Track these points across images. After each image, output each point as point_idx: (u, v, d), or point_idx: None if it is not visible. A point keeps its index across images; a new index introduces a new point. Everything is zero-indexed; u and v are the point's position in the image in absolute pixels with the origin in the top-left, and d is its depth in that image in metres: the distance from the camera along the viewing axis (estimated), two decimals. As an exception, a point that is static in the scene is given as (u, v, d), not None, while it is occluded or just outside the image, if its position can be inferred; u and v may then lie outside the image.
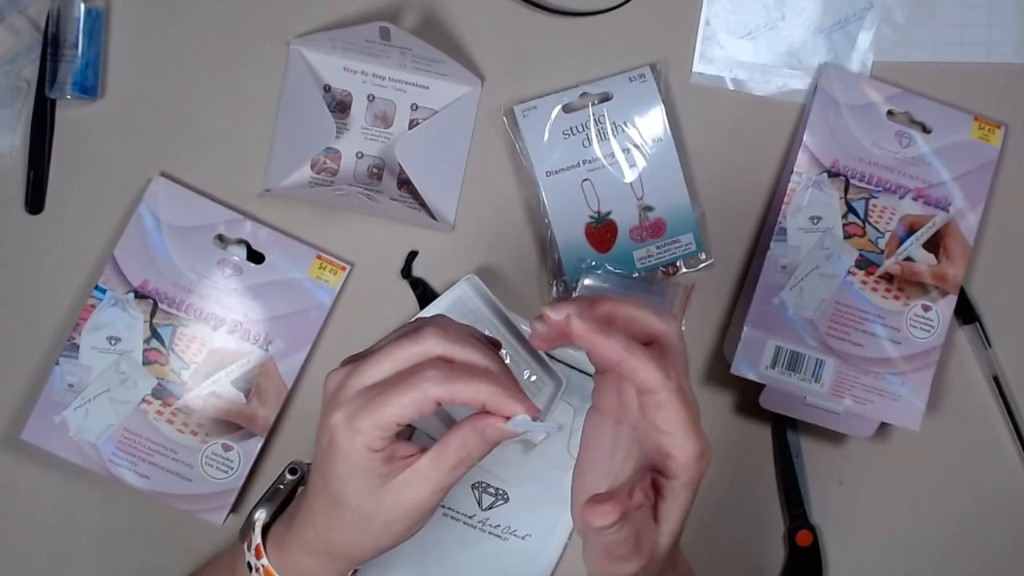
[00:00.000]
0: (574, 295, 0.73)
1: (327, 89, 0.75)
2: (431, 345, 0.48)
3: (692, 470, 0.47)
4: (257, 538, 0.55)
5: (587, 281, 0.73)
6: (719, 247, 0.75)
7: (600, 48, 0.75)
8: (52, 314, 0.73)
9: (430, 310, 0.72)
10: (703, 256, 0.75)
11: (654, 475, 0.48)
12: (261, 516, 0.57)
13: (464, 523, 0.73)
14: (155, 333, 0.72)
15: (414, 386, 0.47)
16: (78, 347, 0.71)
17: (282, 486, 0.61)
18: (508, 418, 0.48)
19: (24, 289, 0.73)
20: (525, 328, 0.72)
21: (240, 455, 0.71)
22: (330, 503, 0.51)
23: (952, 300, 0.73)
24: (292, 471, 0.62)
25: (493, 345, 0.51)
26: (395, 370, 0.49)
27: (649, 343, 0.47)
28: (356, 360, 0.50)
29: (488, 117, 0.75)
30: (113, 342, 0.71)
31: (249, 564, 0.56)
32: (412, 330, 0.50)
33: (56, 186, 0.74)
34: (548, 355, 0.72)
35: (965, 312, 0.75)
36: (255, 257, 0.73)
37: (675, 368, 0.46)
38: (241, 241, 0.73)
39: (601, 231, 0.74)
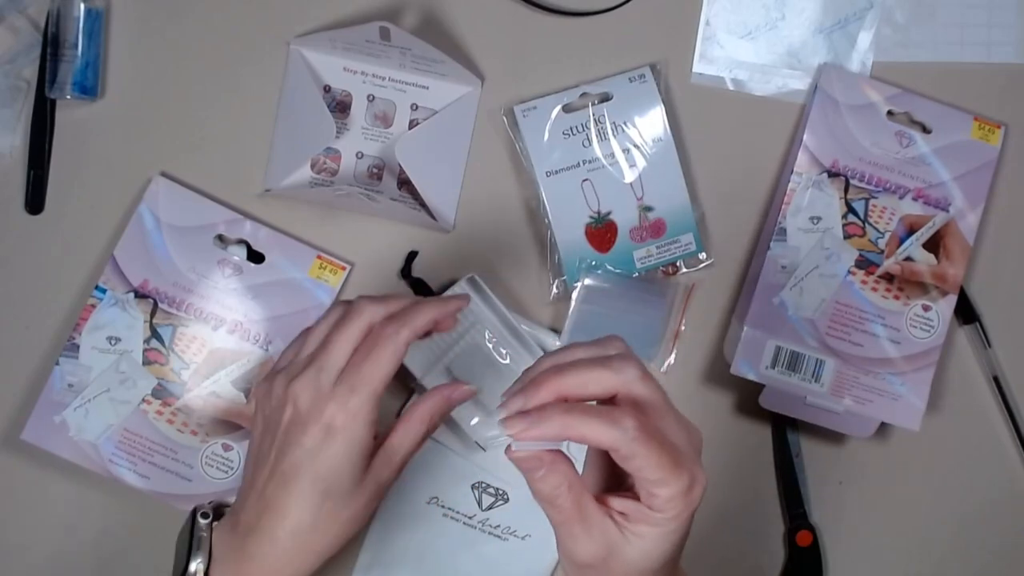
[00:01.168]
0: (573, 295, 0.73)
1: (327, 89, 0.75)
2: (371, 313, 0.54)
3: (678, 506, 0.45)
4: (202, 565, 0.54)
5: (587, 281, 0.73)
6: (719, 247, 0.75)
7: (600, 48, 0.76)
8: (52, 314, 0.73)
9: None
10: (703, 256, 0.75)
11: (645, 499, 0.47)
12: (200, 565, 0.54)
13: (464, 523, 0.73)
14: (155, 333, 0.72)
15: (383, 343, 0.52)
16: (78, 347, 0.71)
17: (203, 533, 0.56)
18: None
19: (24, 289, 0.73)
20: (525, 328, 0.72)
21: (240, 455, 0.71)
22: (322, 499, 0.52)
23: (952, 300, 0.73)
24: (204, 515, 0.56)
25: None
26: (353, 349, 0.53)
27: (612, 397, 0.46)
28: (284, 367, 0.55)
29: (488, 117, 0.75)
30: (113, 342, 0.71)
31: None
32: (344, 312, 0.54)
33: (56, 186, 0.74)
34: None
35: (965, 312, 0.75)
36: (255, 257, 0.73)
37: (632, 420, 0.44)
38: (241, 241, 0.73)
39: (601, 231, 0.74)
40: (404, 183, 0.75)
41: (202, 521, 0.55)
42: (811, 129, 0.74)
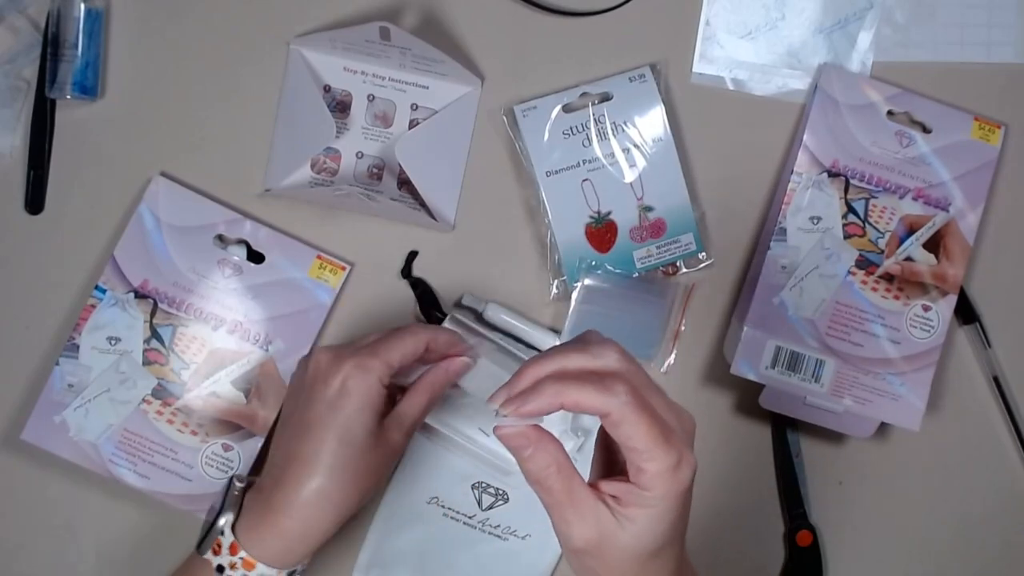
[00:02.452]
0: (573, 295, 0.73)
1: (327, 89, 0.75)
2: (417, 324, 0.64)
3: (665, 483, 0.46)
4: (228, 538, 0.59)
5: (587, 281, 0.73)
6: (719, 247, 0.75)
7: (600, 48, 0.75)
8: (52, 314, 0.73)
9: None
10: (703, 256, 0.75)
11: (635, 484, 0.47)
12: (229, 518, 0.60)
13: (464, 523, 0.73)
14: (155, 333, 0.72)
15: (408, 333, 0.60)
16: (78, 347, 0.71)
17: (236, 492, 0.62)
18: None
19: (24, 289, 0.73)
20: (529, 331, 0.72)
21: (240, 455, 0.71)
22: (339, 444, 0.57)
23: (952, 300, 0.73)
24: (240, 479, 0.63)
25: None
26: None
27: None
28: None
29: (488, 117, 0.75)
30: (113, 342, 0.71)
31: (220, 567, 0.58)
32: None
33: (56, 186, 0.74)
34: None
35: (965, 312, 0.75)
36: (255, 257, 0.73)
37: (623, 385, 0.45)
38: (241, 241, 0.73)
39: (601, 231, 0.74)
40: (404, 183, 0.75)
41: (237, 484, 0.61)
42: (811, 129, 0.74)
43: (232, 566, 0.58)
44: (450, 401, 0.70)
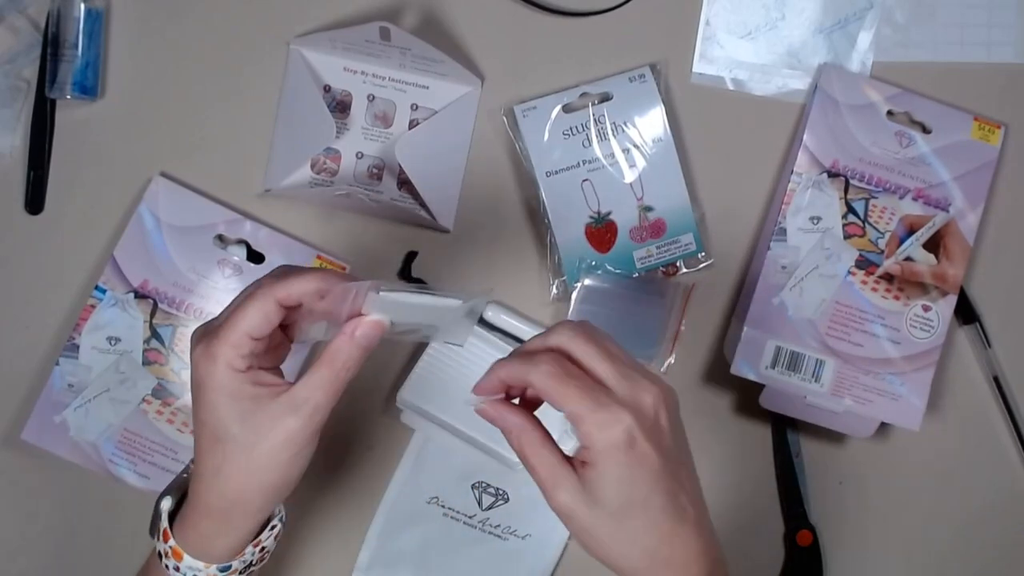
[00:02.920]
0: (573, 295, 0.73)
1: (327, 89, 0.75)
2: (265, 279, 0.53)
3: (599, 439, 0.48)
4: (164, 523, 0.55)
5: (587, 281, 0.73)
6: (719, 247, 0.75)
7: (600, 48, 0.76)
8: (52, 314, 0.73)
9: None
10: (703, 256, 0.75)
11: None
12: (167, 504, 0.55)
13: (464, 523, 0.73)
14: (155, 333, 0.72)
15: (253, 297, 0.51)
16: (78, 347, 0.71)
17: (185, 475, 0.57)
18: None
19: (24, 289, 0.73)
20: (529, 331, 0.72)
21: (240, 455, 0.71)
22: (213, 441, 0.52)
23: (952, 300, 0.73)
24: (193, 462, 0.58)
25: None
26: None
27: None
28: None
29: (488, 117, 0.75)
30: (113, 342, 0.71)
31: (160, 553, 0.55)
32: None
33: (56, 186, 0.74)
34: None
35: (965, 312, 0.75)
36: (255, 257, 0.73)
37: (546, 357, 0.49)
38: (241, 241, 0.73)
39: (601, 231, 0.74)
40: (404, 183, 0.75)
41: (191, 466, 0.56)
42: (811, 129, 0.74)
43: (166, 554, 0.54)
44: (451, 397, 0.70)
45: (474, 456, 0.72)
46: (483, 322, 0.73)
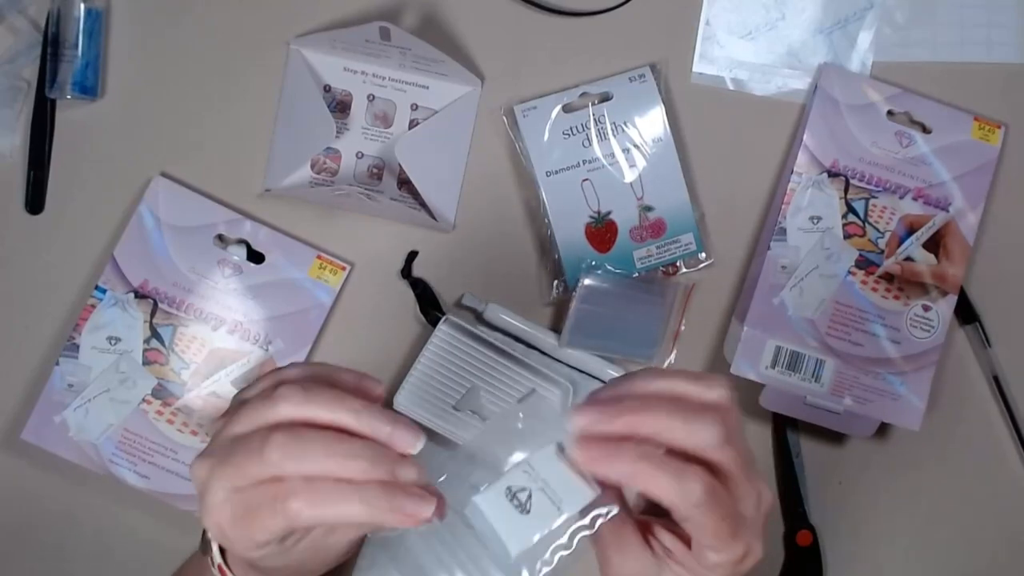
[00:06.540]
0: (573, 295, 0.73)
1: (327, 89, 0.75)
2: (286, 410, 0.45)
3: (726, 572, 0.45)
4: (217, 558, 0.51)
5: (587, 281, 0.73)
6: (719, 247, 0.75)
7: (600, 48, 0.76)
8: (52, 314, 0.73)
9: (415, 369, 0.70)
10: (703, 256, 0.75)
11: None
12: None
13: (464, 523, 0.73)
14: (155, 333, 0.72)
15: (277, 511, 0.43)
16: (78, 347, 0.71)
17: None
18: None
19: (24, 289, 0.73)
20: (529, 331, 0.72)
21: (240, 455, 0.71)
22: (248, 568, 0.50)
23: (952, 300, 0.73)
24: None
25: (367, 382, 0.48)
26: (249, 454, 0.44)
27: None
28: (218, 442, 0.46)
29: (488, 117, 0.75)
30: (113, 342, 0.71)
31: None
32: (265, 394, 0.46)
33: (56, 186, 0.74)
34: (553, 358, 0.72)
35: (965, 312, 0.75)
36: (255, 257, 0.73)
37: (703, 481, 0.42)
38: (241, 241, 0.73)
39: (601, 231, 0.74)
40: (404, 183, 0.75)
41: None
42: (811, 129, 0.74)
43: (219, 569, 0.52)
44: (448, 403, 0.69)
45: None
46: (483, 322, 0.73)
